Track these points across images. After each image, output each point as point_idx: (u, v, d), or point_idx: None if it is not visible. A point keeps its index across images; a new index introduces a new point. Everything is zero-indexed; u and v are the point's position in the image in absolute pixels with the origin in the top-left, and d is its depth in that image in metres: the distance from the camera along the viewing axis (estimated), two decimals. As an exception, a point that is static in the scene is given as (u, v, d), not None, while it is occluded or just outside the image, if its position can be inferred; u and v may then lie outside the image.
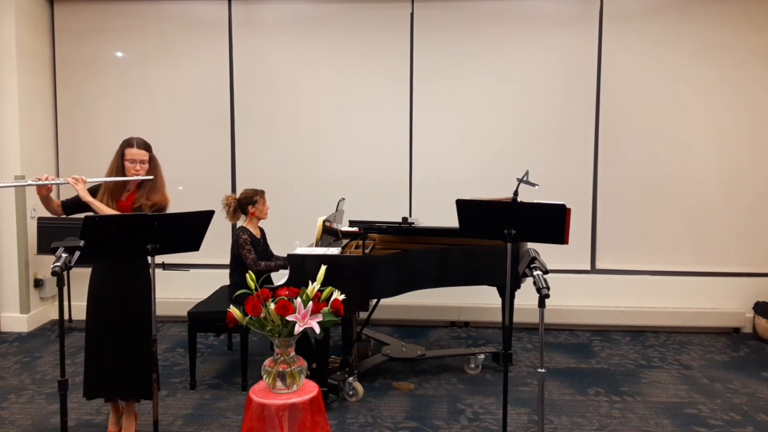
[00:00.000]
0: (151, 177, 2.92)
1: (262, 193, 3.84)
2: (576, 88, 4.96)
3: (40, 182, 2.71)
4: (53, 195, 2.88)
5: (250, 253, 3.64)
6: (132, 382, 2.87)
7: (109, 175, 2.90)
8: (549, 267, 2.45)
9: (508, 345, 2.81)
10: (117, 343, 2.84)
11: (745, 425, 3.22)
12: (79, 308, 4.96)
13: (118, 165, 2.90)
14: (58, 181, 2.77)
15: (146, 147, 2.94)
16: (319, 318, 2.47)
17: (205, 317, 3.69)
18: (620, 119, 4.95)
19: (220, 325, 3.64)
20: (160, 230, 2.49)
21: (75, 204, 2.89)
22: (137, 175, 2.89)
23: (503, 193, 4.42)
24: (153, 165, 2.96)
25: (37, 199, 2.83)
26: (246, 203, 3.78)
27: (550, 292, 2.34)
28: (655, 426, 3.21)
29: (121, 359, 2.85)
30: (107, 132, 5.11)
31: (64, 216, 2.91)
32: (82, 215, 2.82)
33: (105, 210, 2.81)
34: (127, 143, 2.91)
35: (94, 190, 2.89)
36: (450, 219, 3.36)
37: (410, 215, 5.07)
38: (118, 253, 2.54)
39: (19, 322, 4.87)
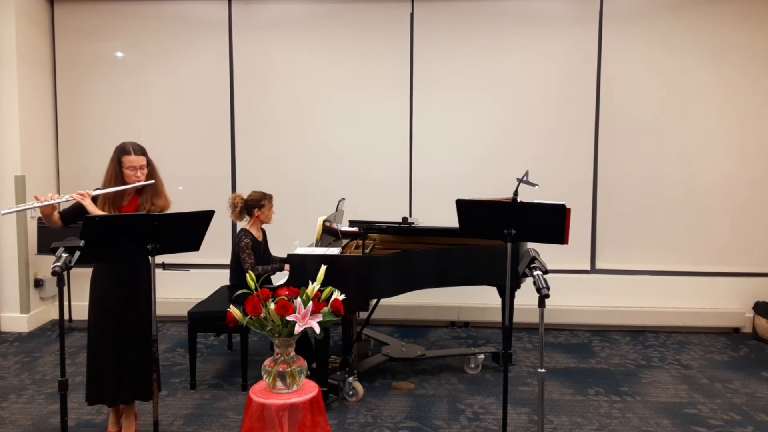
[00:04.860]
0: (152, 182, 2.89)
1: (270, 197, 3.80)
2: (576, 87, 4.96)
3: (46, 202, 2.66)
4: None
5: (249, 258, 3.63)
6: (133, 385, 2.86)
7: (108, 183, 2.84)
8: (549, 267, 2.45)
9: (508, 345, 2.82)
10: (120, 345, 2.84)
11: (745, 425, 3.22)
12: (79, 308, 4.96)
13: (117, 173, 2.83)
14: (64, 199, 2.72)
15: (143, 152, 2.88)
16: (319, 318, 2.47)
17: (205, 317, 3.69)
18: (620, 119, 4.95)
19: (220, 325, 3.64)
20: (161, 230, 2.49)
21: (73, 214, 2.84)
22: (138, 181, 2.84)
23: (503, 193, 4.42)
24: (151, 168, 2.92)
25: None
26: (253, 206, 3.76)
27: (550, 292, 2.34)
28: (655, 426, 3.21)
29: (124, 361, 2.84)
30: (107, 131, 5.10)
31: (62, 226, 2.86)
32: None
33: None
34: (123, 150, 2.84)
35: (92, 200, 2.84)
36: (450, 219, 3.36)
37: (410, 215, 5.06)
38: (119, 253, 2.54)
39: (19, 322, 4.87)
